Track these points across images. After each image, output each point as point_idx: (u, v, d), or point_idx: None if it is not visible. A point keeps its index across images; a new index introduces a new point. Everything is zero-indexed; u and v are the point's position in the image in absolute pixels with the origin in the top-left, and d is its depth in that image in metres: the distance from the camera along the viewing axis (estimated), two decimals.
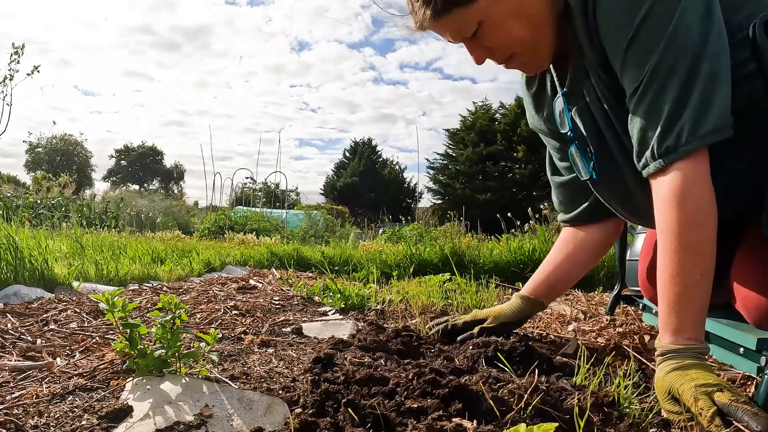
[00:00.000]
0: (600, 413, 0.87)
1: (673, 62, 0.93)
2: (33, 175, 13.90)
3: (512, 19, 1.06)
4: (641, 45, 0.96)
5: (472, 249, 4.04)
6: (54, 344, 1.36)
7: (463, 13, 1.05)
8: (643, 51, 0.95)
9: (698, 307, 0.94)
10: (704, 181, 0.95)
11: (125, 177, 46.38)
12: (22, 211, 7.18)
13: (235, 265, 4.17)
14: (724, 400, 0.82)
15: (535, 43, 1.10)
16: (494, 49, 1.12)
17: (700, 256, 0.94)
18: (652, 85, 0.96)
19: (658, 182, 0.98)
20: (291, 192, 28.21)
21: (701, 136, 0.92)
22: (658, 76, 0.95)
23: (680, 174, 0.94)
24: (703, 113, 0.92)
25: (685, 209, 0.94)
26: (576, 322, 1.90)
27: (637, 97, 0.98)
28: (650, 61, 0.95)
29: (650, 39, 0.94)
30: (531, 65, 1.18)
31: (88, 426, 0.86)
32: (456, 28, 1.08)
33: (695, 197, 0.94)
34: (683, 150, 0.93)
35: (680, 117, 0.93)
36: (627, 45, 0.97)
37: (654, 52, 0.94)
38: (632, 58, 0.97)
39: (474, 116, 28.26)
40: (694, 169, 0.94)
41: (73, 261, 2.79)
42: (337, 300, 2.22)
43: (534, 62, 1.17)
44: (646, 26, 0.94)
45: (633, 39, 0.96)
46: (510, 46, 1.11)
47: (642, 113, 0.98)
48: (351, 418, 0.82)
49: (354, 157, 36.55)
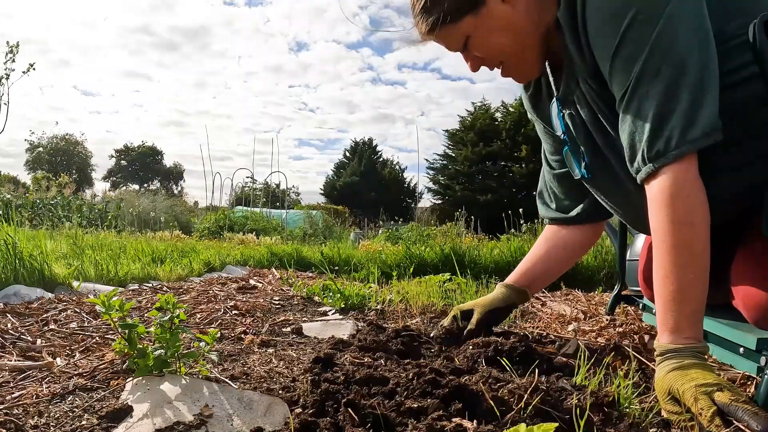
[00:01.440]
0: (600, 413, 0.87)
1: (658, 67, 0.95)
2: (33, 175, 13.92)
3: (497, 33, 1.14)
4: (627, 51, 0.97)
5: (472, 249, 4.04)
6: (54, 344, 1.36)
7: (453, 28, 1.15)
8: (628, 57, 0.97)
9: (694, 306, 0.95)
10: (693, 182, 0.96)
11: (125, 177, 46.39)
12: (22, 211, 7.18)
13: (235, 265, 4.17)
14: (724, 400, 0.82)
15: (521, 54, 1.18)
16: (484, 58, 1.21)
17: (692, 255, 0.95)
18: (638, 90, 0.97)
19: (650, 186, 1.00)
20: (291, 191, 28.28)
21: (691, 141, 0.93)
22: (643, 82, 0.96)
23: (670, 176, 0.96)
24: (692, 118, 0.93)
25: (675, 209, 0.95)
26: (576, 322, 1.90)
27: (625, 102, 1.00)
28: (635, 67, 0.97)
29: (635, 45, 0.96)
30: (519, 75, 1.27)
31: (88, 426, 0.86)
32: (448, 42, 1.19)
33: (684, 197, 0.95)
34: (673, 154, 0.95)
35: (669, 121, 0.94)
36: (613, 52, 0.99)
37: (639, 57, 0.96)
38: (619, 64, 0.99)
39: (473, 116, 28.25)
40: (683, 171, 0.96)
41: (73, 261, 2.79)
42: (337, 300, 2.22)
43: (522, 72, 1.25)
44: (630, 33, 0.96)
45: (618, 46, 0.98)
46: (497, 57, 1.20)
47: (630, 119, 1.00)
48: (351, 418, 0.83)
49: (354, 157, 36.53)
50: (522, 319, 2.01)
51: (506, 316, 1.52)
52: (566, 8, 1.06)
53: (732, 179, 1.05)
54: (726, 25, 0.99)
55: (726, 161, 1.02)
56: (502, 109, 27.95)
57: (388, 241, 7.34)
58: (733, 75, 0.97)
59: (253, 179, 23.73)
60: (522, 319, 2.01)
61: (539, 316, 2.05)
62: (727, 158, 1.02)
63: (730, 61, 0.97)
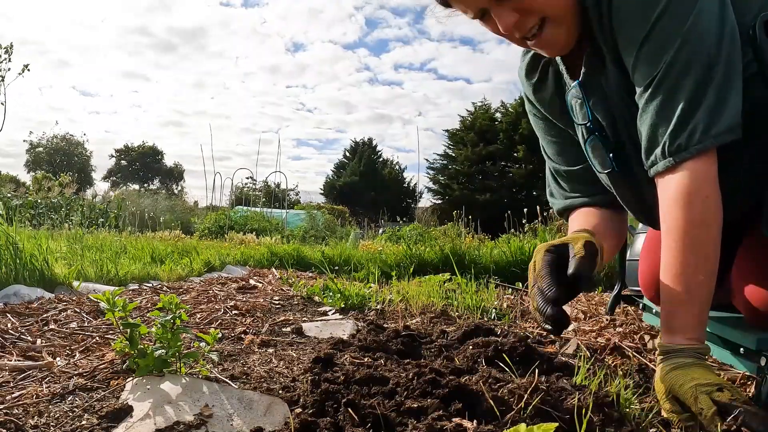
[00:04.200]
0: (600, 413, 0.86)
1: (688, 61, 0.92)
2: (33, 175, 13.91)
3: None
4: (656, 41, 0.94)
5: (472, 249, 4.04)
6: (54, 344, 1.36)
7: None
8: (657, 47, 0.94)
9: (701, 308, 0.94)
10: (712, 181, 0.94)
11: (125, 177, 46.38)
12: (23, 211, 7.19)
13: (235, 265, 4.17)
14: (724, 400, 0.82)
15: (565, 14, 1.03)
16: (527, 10, 1.01)
17: (705, 256, 0.94)
18: (666, 82, 0.94)
19: (666, 180, 0.97)
20: (291, 191, 28.23)
21: (714, 135, 0.91)
22: (672, 74, 0.93)
23: (689, 173, 0.94)
24: (717, 113, 0.91)
25: (692, 209, 0.93)
26: (576, 322, 1.90)
27: (649, 93, 0.97)
28: (664, 58, 0.94)
29: (666, 36, 0.93)
30: (561, 38, 1.06)
31: (88, 426, 0.86)
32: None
33: (703, 197, 0.93)
34: (695, 149, 0.92)
35: (693, 116, 0.92)
36: (642, 40, 0.95)
37: (669, 49, 0.93)
38: (646, 54, 0.96)
39: (473, 116, 28.23)
40: (703, 169, 0.93)
41: (73, 261, 2.80)
42: (337, 300, 2.22)
43: (565, 35, 1.06)
44: (662, 23, 0.93)
45: (648, 35, 0.95)
46: (543, 8, 1.01)
47: (653, 110, 0.97)
48: (351, 418, 0.83)
49: (354, 156, 36.51)
50: (522, 319, 2.01)
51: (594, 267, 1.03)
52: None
53: (731, 180, 1.05)
54: (742, 18, 0.97)
55: (726, 160, 1.02)
56: (502, 109, 27.94)
57: (388, 241, 7.34)
58: (742, 73, 0.96)
59: (253, 179, 23.75)
60: (522, 319, 2.01)
61: None
62: (727, 158, 1.01)
63: (743, 57, 0.96)
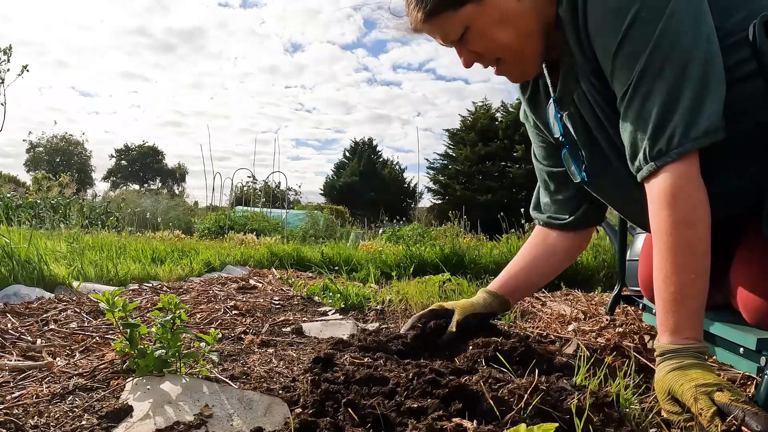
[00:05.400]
0: (600, 413, 0.86)
1: (660, 65, 0.94)
2: (33, 175, 13.91)
3: (498, 26, 1.09)
4: (629, 49, 0.97)
5: (472, 249, 4.04)
6: (54, 344, 1.36)
7: (451, 17, 1.09)
8: (630, 55, 0.97)
9: (694, 307, 0.94)
10: (695, 181, 0.96)
11: (125, 177, 46.39)
12: (22, 211, 7.19)
13: (235, 265, 4.17)
14: (724, 400, 0.82)
15: (521, 51, 1.13)
16: (480, 54, 1.15)
17: (693, 255, 0.95)
18: (640, 88, 0.97)
19: (651, 184, 0.99)
20: (291, 191, 28.24)
21: (693, 139, 0.93)
22: (645, 80, 0.96)
23: (671, 175, 0.95)
24: (694, 116, 0.92)
25: (676, 209, 0.95)
26: (576, 322, 1.90)
27: (626, 101, 0.99)
28: (638, 64, 0.96)
29: (637, 43, 0.95)
30: (516, 73, 1.20)
31: (88, 426, 0.86)
32: (444, 31, 1.13)
33: (686, 197, 0.95)
34: (675, 153, 0.94)
35: (671, 120, 0.94)
36: (615, 50, 0.98)
37: (641, 56, 0.95)
38: (621, 62, 0.98)
39: (474, 116, 28.23)
40: (685, 170, 0.95)
41: (73, 261, 2.79)
42: (337, 300, 2.22)
43: (519, 70, 1.19)
44: (633, 31, 0.96)
45: (621, 44, 0.97)
46: (495, 52, 1.14)
47: (632, 117, 0.99)
48: (351, 418, 0.83)
49: (354, 157, 36.50)
50: (522, 319, 2.01)
51: (484, 323, 1.42)
52: (568, 4, 1.04)
53: (731, 179, 1.05)
54: (725, 21, 0.98)
55: (726, 160, 1.02)
56: (502, 109, 27.95)
57: (388, 242, 7.34)
58: (731, 74, 0.96)
59: (253, 179, 23.73)
60: (522, 319, 2.01)
61: (539, 316, 2.05)
62: (727, 156, 1.01)
63: (729, 58, 0.97)
